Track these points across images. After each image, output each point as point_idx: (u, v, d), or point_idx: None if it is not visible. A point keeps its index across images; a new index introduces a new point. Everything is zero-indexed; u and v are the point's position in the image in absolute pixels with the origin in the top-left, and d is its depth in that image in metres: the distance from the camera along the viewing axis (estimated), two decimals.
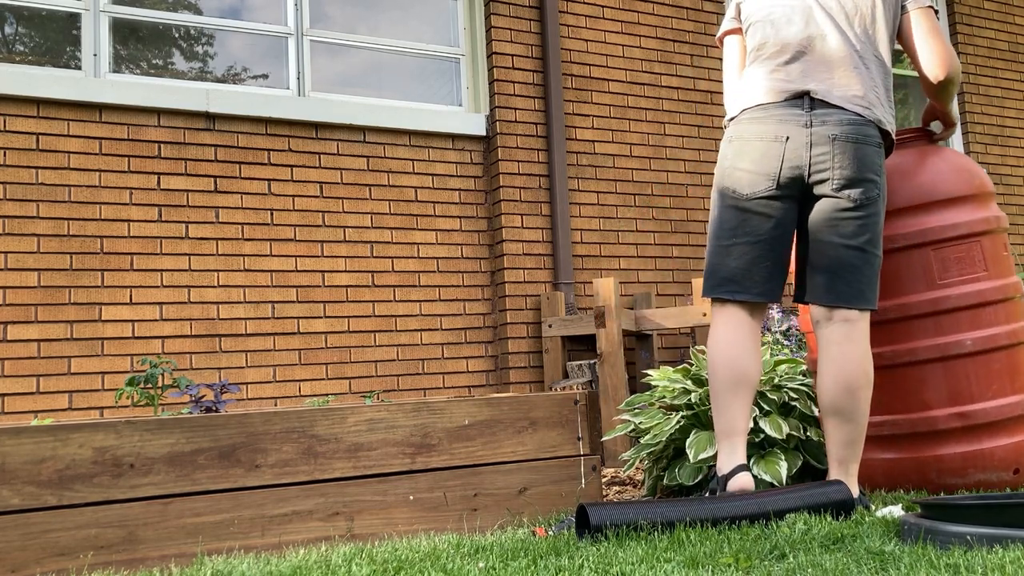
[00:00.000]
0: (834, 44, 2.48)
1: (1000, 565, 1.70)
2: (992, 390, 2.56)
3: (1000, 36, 6.35)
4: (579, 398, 2.75)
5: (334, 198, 4.20)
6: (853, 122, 2.41)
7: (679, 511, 2.26)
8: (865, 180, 2.39)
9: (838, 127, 2.40)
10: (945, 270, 2.62)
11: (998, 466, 2.53)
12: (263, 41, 4.32)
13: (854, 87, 2.45)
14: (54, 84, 3.72)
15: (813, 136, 2.40)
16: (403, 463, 2.46)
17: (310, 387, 4.04)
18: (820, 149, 2.39)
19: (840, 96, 2.44)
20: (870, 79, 2.50)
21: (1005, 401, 2.56)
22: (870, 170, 2.40)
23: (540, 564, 1.94)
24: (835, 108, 2.43)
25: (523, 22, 4.69)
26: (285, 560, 2.08)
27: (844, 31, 2.50)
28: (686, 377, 3.19)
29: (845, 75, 2.46)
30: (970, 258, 2.62)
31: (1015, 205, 6.19)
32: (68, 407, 3.62)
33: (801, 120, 2.42)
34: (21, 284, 3.60)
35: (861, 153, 2.39)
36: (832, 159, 2.38)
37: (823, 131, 2.40)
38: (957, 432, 2.56)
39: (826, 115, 2.41)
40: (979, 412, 2.55)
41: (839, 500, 2.38)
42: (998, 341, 2.59)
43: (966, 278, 2.61)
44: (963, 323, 2.59)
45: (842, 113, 2.42)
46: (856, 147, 2.39)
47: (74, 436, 2.13)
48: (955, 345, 2.58)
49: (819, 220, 2.43)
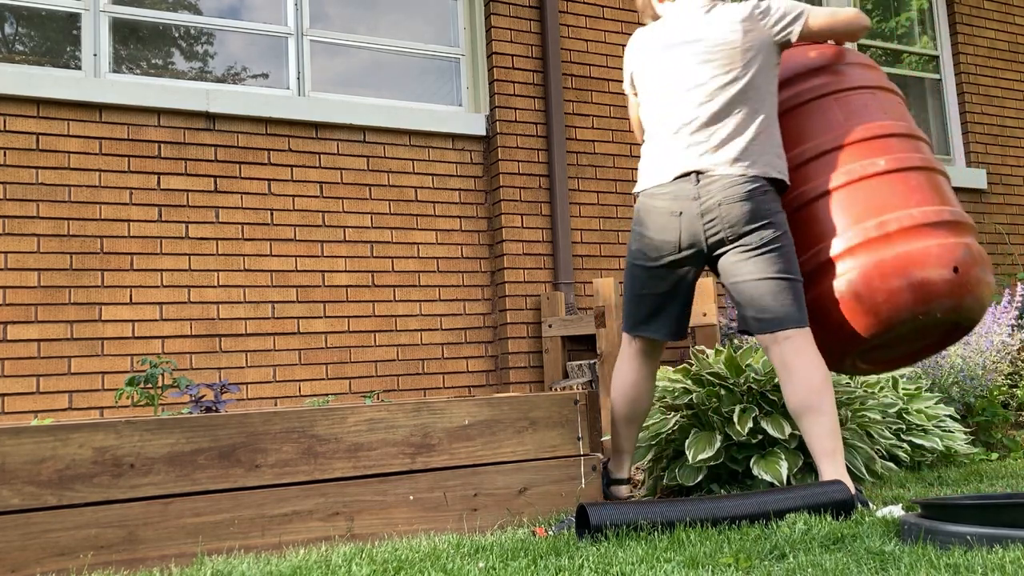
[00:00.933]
0: (707, 113, 2.67)
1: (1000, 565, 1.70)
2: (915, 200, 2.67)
3: (1000, 36, 6.35)
4: (579, 398, 2.75)
5: (334, 198, 4.20)
6: (735, 183, 2.62)
7: (679, 511, 2.26)
8: (758, 228, 2.61)
9: (722, 192, 2.61)
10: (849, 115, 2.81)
11: (936, 264, 2.58)
12: (263, 41, 4.32)
13: (733, 151, 2.64)
14: (54, 84, 3.72)
15: (703, 207, 2.63)
16: (403, 463, 2.46)
17: (310, 387, 4.04)
18: (710, 216, 2.63)
19: (723, 162, 2.64)
20: (748, 136, 2.66)
21: (932, 208, 2.66)
22: (762, 216, 2.61)
23: (540, 564, 1.94)
24: (719, 176, 2.63)
25: (523, 22, 4.69)
26: (285, 560, 2.08)
27: (711, 98, 2.67)
28: (686, 377, 3.19)
29: (723, 140, 2.65)
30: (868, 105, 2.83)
31: (1015, 205, 6.19)
32: (68, 407, 3.62)
33: (691, 195, 2.65)
34: (21, 284, 3.60)
35: (748, 207, 2.60)
36: (722, 220, 2.61)
37: (711, 201, 2.62)
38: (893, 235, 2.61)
39: (711, 183, 2.63)
40: (905, 217, 2.63)
41: (839, 500, 2.38)
42: (912, 162, 2.73)
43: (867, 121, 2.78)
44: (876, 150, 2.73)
45: (725, 179, 2.62)
46: (742, 204, 2.60)
47: (74, 436, 2.13)
48: (871, 165, 2.70)
49: (729, 268, 2.67)
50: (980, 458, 3.62)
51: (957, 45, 6.17)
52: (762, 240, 2.60)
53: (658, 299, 2.79)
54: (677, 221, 2.67)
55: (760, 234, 2.61)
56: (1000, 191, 6.13)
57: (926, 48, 6.23)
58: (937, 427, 3.51)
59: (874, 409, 3.28)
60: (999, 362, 4.24)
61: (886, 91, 2.92)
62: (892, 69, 6.11)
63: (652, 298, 2.80)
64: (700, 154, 2.67)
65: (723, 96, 2.67)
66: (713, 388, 3.06)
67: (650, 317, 2.80)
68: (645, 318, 2.81)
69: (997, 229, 6.06)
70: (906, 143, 2.79)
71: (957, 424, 3.59)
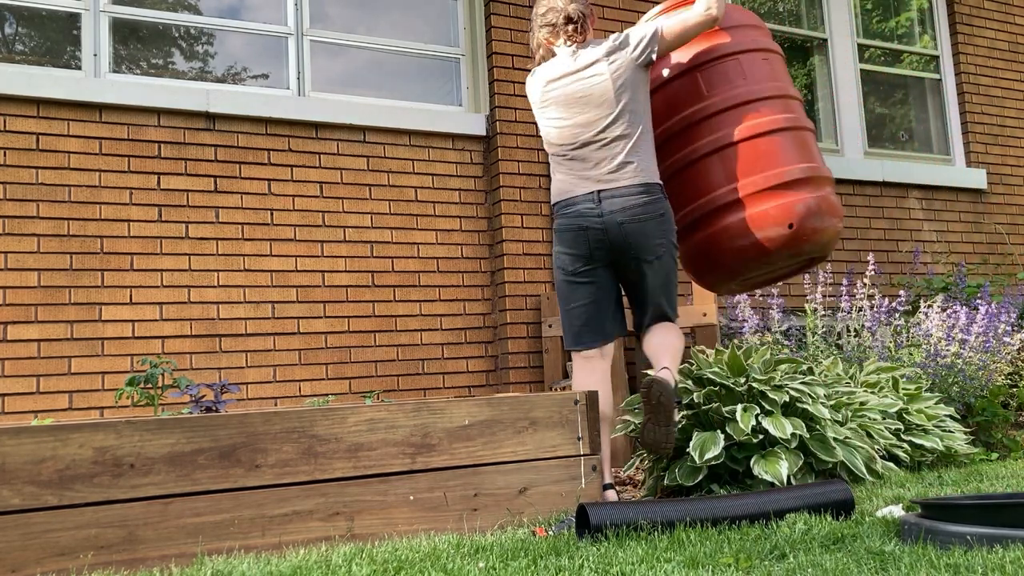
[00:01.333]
0: (590, 132, 2.99)
1: (1000, 565, 1.70)
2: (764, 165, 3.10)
3: (1000, 36, 6.35)
4: (579, 398, 2.75)
5: (334, 198, 4.20)
6: (635, 194, 2.93)
7: (679, 511, 2.26)
8: (655, 245, 2.94)
9: (623, 213, 2.92)
10: (711, 85, 3.20)
11: (773, 223, 3.05)
12: (263, 41, 4.32)
13: (620, 168, 2.96)
14: (54, 84, 3.72)
15: (606, 223, 2.93)
16: (403, 463, 2.46)
17: (310, 387, 4.04)
18: (612, 235, 2.93)
19: (614, 179, 2.95)
20: (625, 145, 2.98)
21: (778, 170, 3.09)
22: (654, 236, 2.94)
23: (540, 564, 1.94)
24: (615, 196, 2.93)
25: (523, 22, 4.69)
26: (285, 560, 2.08)
27: (605, 117, 2.98)
28: (687, 377, 3.19)
29: (610, 160, 2.97)
30: (729, 72, 3.20)
31: (1015, 205, 6.19)
32: (68, 407, 3.62)
33: (595, 212, 2.94)
34: (21, 284, 3.60)
35: (648, 227, 2.93)
36: (624, 241, 2.93)
37: (612, 219, 2.92)
38: (736, 204, 3.10)
39: (612, 203, 2.93)
40: (749, 184, 3.09)
41: (839, 500, 2.38)
42: (775, 124, 3.13)
43: (727, 88, 3.18)
44: (731, 121, 3.14)
45: (626, 199, 2.93)
46: (640, 224, 2.92)
47: (74, 436, 2.13)
48: (724, 137, 3.13)
49: (629, 277, 3.03)
50: (980, 458, 3.62)
51: (957, 45, 6.17)
52: (657, 256, 2.97)
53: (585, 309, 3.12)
54: (585, 235, 3.01)
55: (655, 252, 2.96)
56: (1000, 191, 6.13)
57: (926, 48, 6.24)
58: (937, 427, 3.51)
59: (874, 409, 3.28)
60: (999, 362, 4.24)
61: (753, 52, 3.24)
62: (892, 69, 6.12)
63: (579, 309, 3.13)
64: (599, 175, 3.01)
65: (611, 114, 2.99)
66: (713, 388, 3.06)
67: (585, 328, 3.09)
68: (580, 331, 3.09)
69: (997, 229, 6.06)
70: (772, 105, 3.18)
71: (957, 424, 3.59)
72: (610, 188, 2.93)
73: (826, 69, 5.82)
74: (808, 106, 5.84)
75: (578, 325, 3.02)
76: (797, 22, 5.82)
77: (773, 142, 3.12)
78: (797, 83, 5.82)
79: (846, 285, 4.45)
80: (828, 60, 5.81)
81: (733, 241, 3.11)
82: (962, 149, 6.13)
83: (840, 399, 3.24)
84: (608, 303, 3.03)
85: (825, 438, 2.98)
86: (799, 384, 3.07)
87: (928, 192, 5.84)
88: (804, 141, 3.19)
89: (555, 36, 3.10)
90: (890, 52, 6.15)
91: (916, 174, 5.77)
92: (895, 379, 3.61)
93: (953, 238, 5.88)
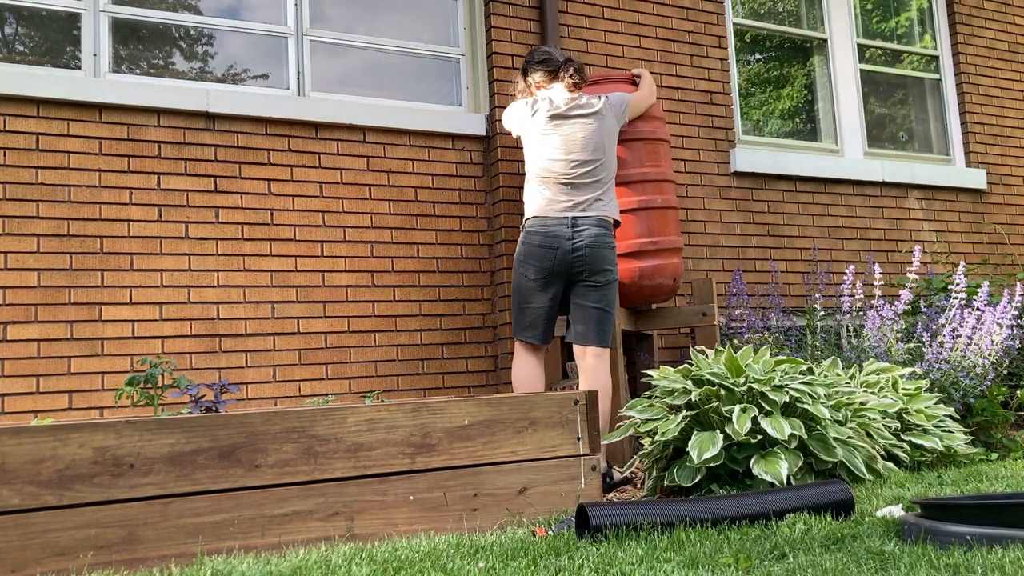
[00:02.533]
0: (583, 169, 3.60)
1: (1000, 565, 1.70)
2: (661, 229, 4.07)
3: (1000, 36, 6.35)
4: (579, 398, 2.75)
5: (334, 198, 4.20)
6: (598, 225, 3.55)
7: (679, 511, 2.26)
8: (604, 270, 3.55)
9: (588, 239, 3.51)
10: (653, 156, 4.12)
11: (668, 274, 4.07)
12: (263, 41, 4.32)
13: (594, 202, 3.58)
14: (54, 84, 3.72)
15: (574, 245, 3.51)
16: (403, 463, 2.47)
17: (310, 387, 4.04)
18: (577, 254, 3.51)
19: (589, 210, 3.56)
20: (603, 186, 3.62)
21: (668, 237, 4.08)
22: (607, 263, 3.55)
23: (540, 564, 1.94)
24: (586, 225, 3.54)
25: (523, 22, 4.69)
26: (285, 560, 2.08)
27: (596, 160, 3.63)
28: (686, 377, 3.19)
29: (589, 194, 3.58)
30: (655, 151, 4.12)
31: (1015, 205, 6.19)
32: (68, 407, 3.62)
33: (566, 235, 3.53)
34: (21, 284, 3.60)
35: (605, 254, 3.54)
36: (584, 261, 3.51)
37: (580, 242, 3.51)
38: (651, 252, 4.03)
39: (582, 229, 3.53)
40: (656, 242, 4.04)
41: (838, 500, 2.38)
42: (656, 203, 4.06)
43: (651, 164, 4.09)
44: (653, 190, 4.08)
45: (591, 228, 3.53)
46: (598, 251, 3.52)
47: (74, 436, 2.13)
48: (650, 201, 4.04)
49: (578, 293, 3.58)
50: (980, 458, 3.62)
51: (957, 45, 6.17)
52: (605, 279, 3.56)
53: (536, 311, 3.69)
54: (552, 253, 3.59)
55: (604, 276, 3.56)
56: (1000, 191, 6.14)
57: (926, 48, 6.24)
58: (937, 427, 3.51)
59: (874, 409, 3.28)
60: (998, 362, 4.24)
61: (644, 140, 4.12)
62: (892, 69, 6.12)
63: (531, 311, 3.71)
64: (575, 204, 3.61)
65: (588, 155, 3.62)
66: (713, 388, 3.07)
67: (531, 326, 3.65)
68: (528, 327, 3.66)
69: (997, 229, 6.07)
70: (670, 186, 4.19)
71: (957, 424, 3.59)
72: (583, 216, 3.53)
73: (826, 69, 5.82)
74: (808, 106, 5.85)
75: (528, 322, 3.60)
76: (797, 22, 5.82)
77: (674, 214, 4.18)
78: (797, 83, 5.83)
79: (846, 285, 4.45)
80: (828, 60, 5.81)
81: (648, 278, 4.09)
82: (962, 149, 6.13)
83: (840, 399, 3.24)
84: (554, 312, 3.61)
85: (825, 437, 2.98)
86: (799, 384, 3.07)
87: (928, 192, 5.84)
88: (676, 216, 4.22)
89: (552, 80, 3.74)
90: (890, 52, 6.15)
91: (916, 174, 5.77)
92: (895, 379, 3.61)
93: (953, 238, 5.88)
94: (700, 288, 4.26)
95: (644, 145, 4.09)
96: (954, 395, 4.02)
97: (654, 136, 4.14)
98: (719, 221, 5.08)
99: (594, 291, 3.53)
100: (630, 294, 4.07)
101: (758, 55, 5.78)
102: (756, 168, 5.21)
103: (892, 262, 5.60)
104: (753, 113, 5.62)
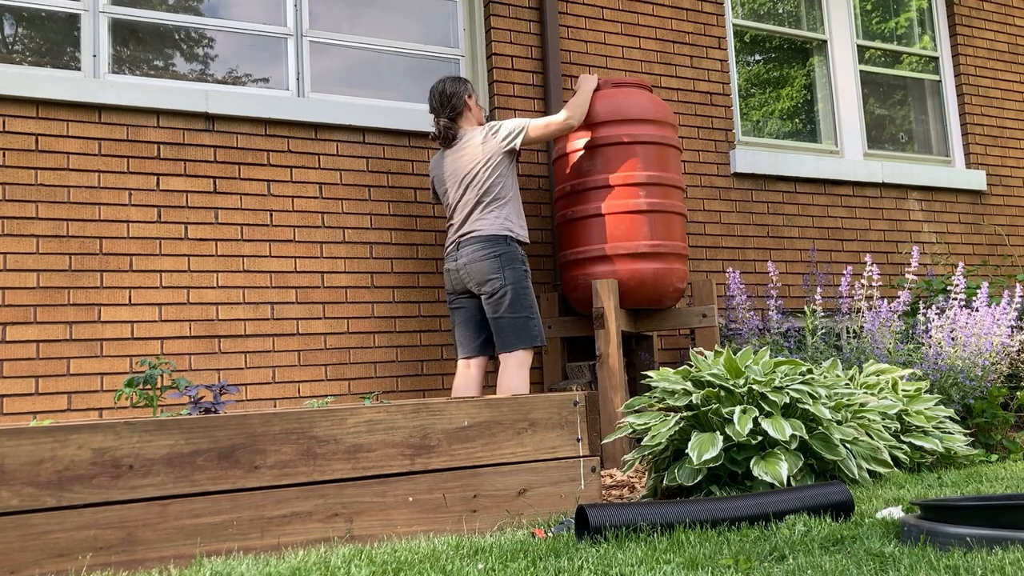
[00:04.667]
0: (464, 199, 3.83)
1: (1000, 566, 1.70)
2: (667, 233, 4.11)
3: (1000, 36, 6.35)
4: (578, 399, 2.75)
5: (333, 199, 4.20)
6: (474, 245, 3.76)
7: (678, 512, 2.26)
8: (489, 280, 3.74)
9: (466, 257, 3.78)
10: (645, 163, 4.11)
11: (673, 279, 4.12)
12: (262, 42, 4.32)
13: (474, 224, 3.80)
14: (53, 85, 3.71)
15: (460, 264, 3.81)
16: (402, 464, 2.46)
17: (309, 388, 4.04)
18: (463, 272, 3.79)
19: (467, 233, 3.80)
20: (485, 212, 3.80)
21: (673, 242, 4.12)
22: (491, 273, 3.73)
23: (539, 565, 1.94)
24: (465, 245, 3.80)
25: (523, 23, 4.69)
26: (284, 561, 2.08)
27: (467, 190, 3.83)
28: (686, 378, 3.19)
29: (469, 218, 3.81)
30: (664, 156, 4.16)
31: (1015, 206, 6.19)
32: (67, 408, 3.62)
33: (452, 257, 3.86)
34: (20, 285, 3.60)
35: (480, 267, 3.74)
36: (469, 276, 3.78)
37: (462, 262, 3.79)
38: (651, 255, 4.07)
39: (463, 250, 3.80)
40: (661, 245, 4.08)
41: (838, 501, 2.38)
42: (664, 207, 4.09)
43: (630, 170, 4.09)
44: (660, 194, 4.11)
45: (469, 247, 3.78)
46: (478, 264, 3.74)
47: (73, 437, 2.13)
48: (634, 204, 4.05)
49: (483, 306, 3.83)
50: (980, 459, 3.62)
51: (957, 46, 6.17)
52: (494, 290, 3.75)
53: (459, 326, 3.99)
54: (450, 275, 3.93)
55: (491, 286, 3.75)
56: (1000, 192, 6.14)
57: (926, 49, 6.24)
58: (937, 428, 3.51)
59: (874, 411, 3.28)
60: (998, 363, 4.24)
61: (656, 144, 4.14)
62: (892, 70, 6.12)
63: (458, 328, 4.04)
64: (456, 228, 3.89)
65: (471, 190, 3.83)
66: (713, 389, 3.06)
67: (460, 342, 3.98)
68: (458, 344, 3.99)
69: (996, 230, 6.07)
70: (678, 192, 4.20)
71: (957, 426, 3.59)
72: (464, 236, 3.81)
73: (826, 70, 5.82)
74: (808, 107, 5.85)
75: (455, 339, 3.92)
76: (797, 23, 5.82)
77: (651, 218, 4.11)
78: (797, 84, 5.83)
79: (845, 287, 4.45)
80: (828, 61, 5.81)
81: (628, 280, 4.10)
82: (962, 150, 6.13)
83: (840, 400, 3.24)
84: (473, 327, 3.85)
85: (828, 437, 2.98)
86: (799, 384, 3.07)
87: (928, 193, 5.84)
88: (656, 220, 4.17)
89: None
90: (890, 53, 6.15)
91: (916, 175, 5.77)
92: (894, 380, 3.61)
93: (953, 239, 5.89)
94: (700, 289, 4.26)
95: (655, 150, 4.12)
96: (954, 396, 4.02)
97: (665, 142, 4.17)
98: (719, 222, 5.08)
99: (490, 302, 3.76)
100: (632, 295, 4.04)
101: (758, 56, 5.78)
102: (756, 169, 5.21)
103: (892, 263, 5.60)
104: (753, 114, 5.62)
